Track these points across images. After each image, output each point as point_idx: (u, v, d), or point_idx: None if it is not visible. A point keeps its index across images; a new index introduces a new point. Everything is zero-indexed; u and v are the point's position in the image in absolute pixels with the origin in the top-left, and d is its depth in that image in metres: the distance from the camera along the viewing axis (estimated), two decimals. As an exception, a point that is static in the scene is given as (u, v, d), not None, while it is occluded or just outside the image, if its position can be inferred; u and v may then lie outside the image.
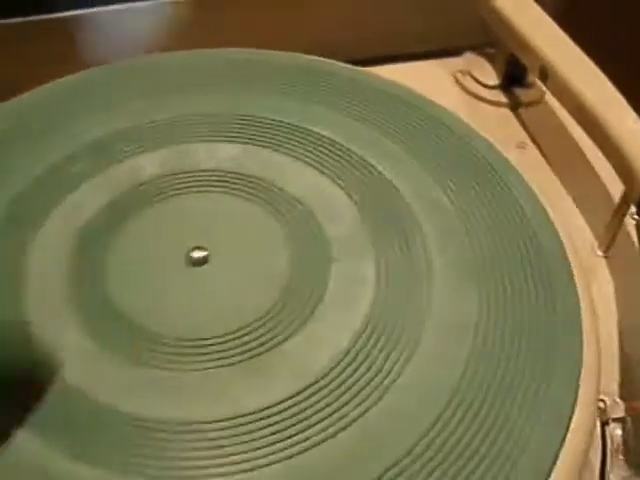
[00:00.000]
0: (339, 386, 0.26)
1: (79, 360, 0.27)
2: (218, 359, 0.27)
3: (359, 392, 0.26)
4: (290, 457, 0.25)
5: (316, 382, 0.26)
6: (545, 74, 0.39)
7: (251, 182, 0.34)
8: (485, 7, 0.43)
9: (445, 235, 0.32)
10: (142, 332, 0.28)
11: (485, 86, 0.44)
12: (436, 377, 0.27)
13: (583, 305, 0.29)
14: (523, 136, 0.40)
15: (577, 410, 0.26)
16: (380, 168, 0.35)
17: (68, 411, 0.26)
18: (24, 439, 0.25)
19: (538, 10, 0.42)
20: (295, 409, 0.26)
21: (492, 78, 0.44)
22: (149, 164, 0.35)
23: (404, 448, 0.25)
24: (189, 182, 0.35)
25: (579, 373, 0.27)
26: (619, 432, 0.29)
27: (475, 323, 0.28)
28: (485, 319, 0.29)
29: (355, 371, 0.27)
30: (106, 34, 0.51)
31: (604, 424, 0.30)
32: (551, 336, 0.28)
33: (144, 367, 0.27)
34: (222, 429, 0.25)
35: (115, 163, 0.35)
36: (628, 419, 0.30)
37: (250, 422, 0.25)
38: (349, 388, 0.26)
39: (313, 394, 0.26)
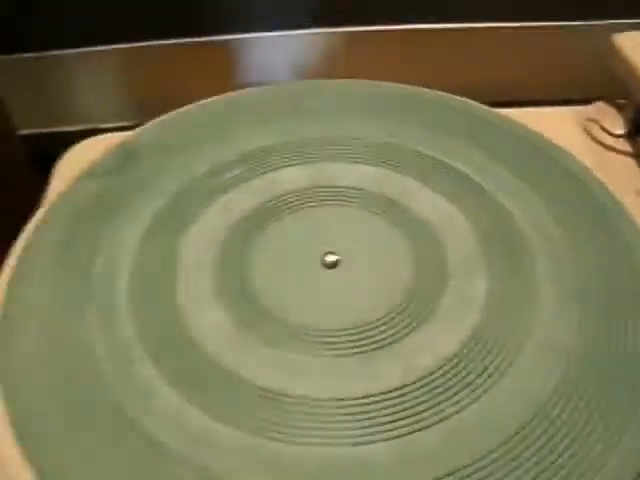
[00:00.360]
0: (441, 385, 0.29)
1: (222, 341, 0.31)
2: (340, 349, 0.30)
3: (457, 392, 0.29)
4: (389, 439, 0.27)
5: (422, 379, 0.29)
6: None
7: (383, 201, 0.37)
8: (614, 58, 0.44)
9: (555, 267, 0.34)
10: (278, 321, 0.32)
11: (611, 135, 0.44)
12: (527, 391, 0.29)
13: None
14: (643, 184, 0.41)
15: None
16: (504, 201, 0.37)
17: (210, 380, 0.30)
18: (174, 400, 0.29)
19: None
20: (401, 399, 0.29)
21: (619, 127, 0.44)
22: (295, 176, 0.39)
23: (487, 448, 0.27)
24: (328, 195, 0.38)
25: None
26: None
27: (572, 348, 0.30)
28: (582, 345, 0.31)
29: (456, 374, 0.30)
30: (265, 58, 0.54)
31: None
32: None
33: (276, 349, 0.31)
34: (335, 407, 0.28)
35: (264, 173, 0.39)
36: None
37: (358, 405, 0.29)
38: (449, 388, 0.29)
39: (418, 388, 0.29)
